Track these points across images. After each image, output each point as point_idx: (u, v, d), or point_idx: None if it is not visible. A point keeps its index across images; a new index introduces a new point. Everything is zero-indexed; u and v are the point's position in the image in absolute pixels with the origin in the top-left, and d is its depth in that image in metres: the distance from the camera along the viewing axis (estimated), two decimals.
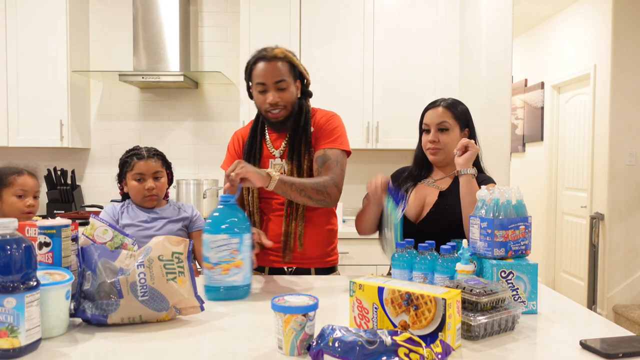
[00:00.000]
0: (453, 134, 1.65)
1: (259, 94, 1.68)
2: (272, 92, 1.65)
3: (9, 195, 1.94)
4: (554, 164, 4.99)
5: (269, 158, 1.75)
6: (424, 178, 1.75)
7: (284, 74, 1.66)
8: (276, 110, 1.67)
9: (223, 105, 3.58)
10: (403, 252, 1.37)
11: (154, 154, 1.92)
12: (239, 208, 1.44)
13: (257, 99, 1.70)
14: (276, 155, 1.75)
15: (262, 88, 1.66)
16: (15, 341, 0.93)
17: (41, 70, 3.21)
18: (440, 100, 1.70)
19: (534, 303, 1.25)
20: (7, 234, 0.94)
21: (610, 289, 3.97)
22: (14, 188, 1.94)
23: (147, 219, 1.90)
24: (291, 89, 1.68)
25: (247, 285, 1.39)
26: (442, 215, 1.62)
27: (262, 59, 1.66)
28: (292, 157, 1.71)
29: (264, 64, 1.65)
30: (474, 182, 1.54)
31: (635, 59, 3.89)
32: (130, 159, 1.90)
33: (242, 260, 1.36)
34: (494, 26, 3.25)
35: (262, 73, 1.65)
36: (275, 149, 1.76)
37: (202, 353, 1.00)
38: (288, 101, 1.68)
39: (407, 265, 1.35)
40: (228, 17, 3.54)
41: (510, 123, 3.31)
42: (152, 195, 1.89)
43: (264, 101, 1.67)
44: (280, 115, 1.68)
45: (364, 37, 3.21)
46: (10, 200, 1.94)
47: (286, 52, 1.69)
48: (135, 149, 1.95)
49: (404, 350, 0.87)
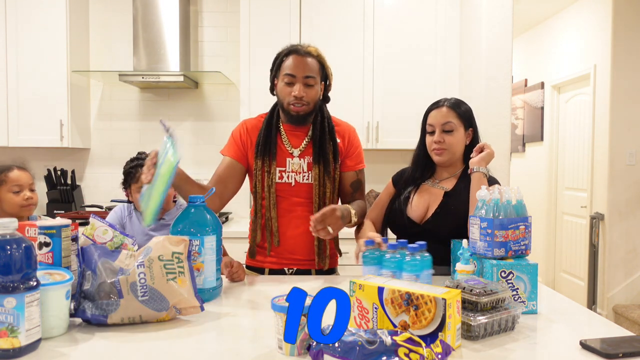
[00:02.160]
0: (458, 134, 1.65)
1: (285, 85, 1.67)
2: (300, 86, 1.65)
3: (4, 192, 1.94)
4: (554, 164, 4.99)
5: (287, 156, 1.73)
6: (427, 179, 1.74)
7: (314, 71, 1.67)
8: (299, 104, 1.66)
9: (223, 105, 3.58)
10: (372, 249, 1.38)
11: None
12: (208, 209, 1.41)
13: (281, 90, 1.68)
14: (295, 154, 1.73)
15: (290, 80, 1.66)
16: (15, 341, 0.93)
17: (41, 70, 3.21)
18: (443, 100, 1.69)
19: (534, 303, 1.25)
20: (7, 234, 0.94)
21: (610, 289, 3.97)
22: (8, 184, 1.94)
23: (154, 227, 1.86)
24: (317, 87, 1.69)
25: (211, 288, 1.36)
26: (448, 215, 1.62)
27: (295, 52, 1.67)
28: (318, 161, 1.71)
29: (296, 57, 1.66)
30: (485, 180, 1.56)
31: (635, 59, 3.89)
32: (135, 170, 1.84)
33: (203, 263, 1.34)
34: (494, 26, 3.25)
35: (294, 65, 1.65)
36: (293, 147, 1.74)
37: (202, 353, 1.00)
38: (312, 99, 1.68)
39: (376, 262, 1.36)
40: (228, 17, 3.54)
41: (510, 123, 3.31)
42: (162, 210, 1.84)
43: (289, 93, 1.66)
44: (302, 110, 1.67)
45: (364, 37, 3.21)
46: (7, 197, 1.94)
47: (319, 52, 1.71)
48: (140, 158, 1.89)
49: (404, 350, 0.87)
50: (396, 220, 1.70)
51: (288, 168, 1.72)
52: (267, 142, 1.72)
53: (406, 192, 1.72)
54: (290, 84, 1.66)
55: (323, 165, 1.71)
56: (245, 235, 2.98)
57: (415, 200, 1.69)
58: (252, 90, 3.21)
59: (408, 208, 1.68)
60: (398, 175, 1.83)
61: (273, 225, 1.71)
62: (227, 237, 2.11)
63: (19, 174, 1.97)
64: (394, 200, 1.75)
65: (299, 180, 1.72)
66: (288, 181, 1.72)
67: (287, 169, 1.72)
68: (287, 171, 1.72)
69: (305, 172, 1.72)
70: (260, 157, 1.70)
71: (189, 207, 1.40)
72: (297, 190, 1.72)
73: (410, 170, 1.78)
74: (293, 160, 1.72)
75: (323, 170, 1.71)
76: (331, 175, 1.73)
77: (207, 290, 1.35)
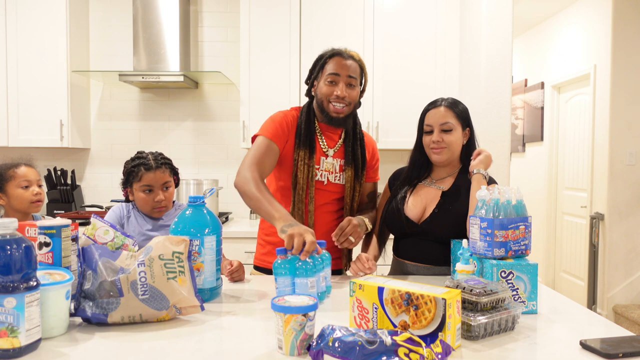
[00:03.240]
0: (456, 134, 1.65)
1: (328, 84, 1.69)
2: (343, 85, 1.67)
3: (13, 188, 1.94)
4: (554, 164, 4.99)
5: (321, 155, 1.75)
6: (423, 179, 1.74)
7: (356, 72, 1.71)
8: (341, 104, 1.68)
9: (223, 105, 3.58)
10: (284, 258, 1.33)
11: (162, 163, 1.85)
12: (208, 210, 1.41)
13: (323, 90, 1.70)
14: (329, 154, 1.76)
15: (334, 79, 1.68)
16: (15, 341, 0.93)
17: (41, 70, 3.21)
18: (440, 100, 1.69)
19: (534, 303, 1.25)
20: (7, 234, 0.94)
21: (610, 289, 3.97)
22: (17, 180, 1.94)
23: (152, 227, 1.86)
24: (357, 89, 1.72)
25: (211, 288, 1.36)
26: (446, 215, 1.62)
27: (339, 54, 1.71)
28: (350, 164, 1.76)
29: (341, 59, 1.70)
30: (485, 182, 1.58)
31: (635, 59, 3.89)
32: (137, 168, 1.82)
33: (203, 263, 1.34)
34: (494, 26, 3.25)
35: (339, 66, 1.68)
36: (329, 147, 1.76)
37: (202, 353, 1.00)
38: (353, 100, 1.71)
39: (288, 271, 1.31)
40: (228, 17, 3.54)
41: (510, 123, 3.31)
42: (161, 207, 1.81)
43: (331, 92, 1.68)
44: (343, 111, 1.69)
45: (364, 37, 3.21)
46: (17, 193, 1.93)
47: (360, 57, 1.76)
48: (142, 157, 1.85)
49: (404, 350, 0.87)
50: (394, 221, 1.70)
51: (322, 167, 1.74)
52: (308, 135, 1.72)
53: (402, 192, 1.72)
54: (333, 82, 1.68)
55: (354, 168, 1.76)
56: (245, 235, 2.99)
57: (412, 200, 1.69)
58: (252, 90, 3.21)
59: (405, 208, 1.68)
60: (394, 176, 1.84)
61: (309, 219, 1.72)
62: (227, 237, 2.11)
63: (27, 170, 1.97)
64: (390, 201, 1.75)
65: (332, 180, 1.75)
66: (321, 179, 1.74)
67: (321, 167, 1.74)
68: (321, 169, 1.74)
69: (337, 172, 1.76)
70: (303, 148, 1.70)
71: (188, 207, 1.40)
72: (329, 189, 1.76)
73: (407, 170, 1.78)
74: (327, 159, 1.75)
75: (354, 173, 1.76)
76: (360, 180, 1.78)
77: (207, 290, 1.35)
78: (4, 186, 1.94)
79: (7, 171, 1.95)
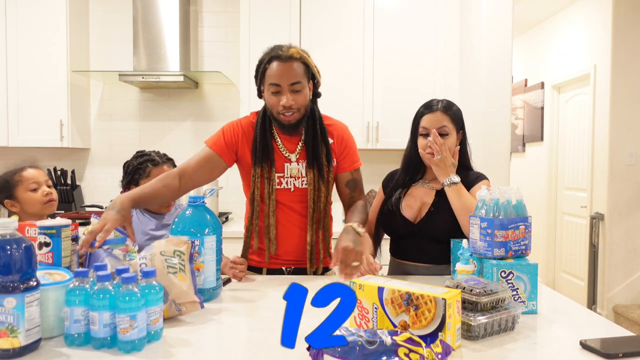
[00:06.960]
0: (451, 138, 1.64)
1: (272, 95, 1.60)
2: (287, 95, 1.58)
3: (23, 192, 1.90)
4: (554, 164, 4.99)
5: (284, 161, 1.68)
6: (416, 180, 1.74)
7: (299, 75, 1.59)
8: (289, 112, 1.59)
9: (223, 105, 3.58)
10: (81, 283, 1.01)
11: (167, 159, 1.85)
12: (208, 209, 1.41)
13: (269, 100, 1.62)
14: (292, 159, 1.69)
15: (276, 89, 1.59)
16: (15, 341, 0.93)
17: (41, 70, 3.21)
18: (435, 102, 1.67)
19: (534, 303, 1.25)
20: (7, 234, 0.94)
21: (610, 289, 3.97)
22: (25, 183, 1.90)
23: (155, 226, 1.86)
24: (305, 91, 1.62)
25: (211, 288, 1.36)
26: (442, 212, 1.62)
27: (277, 58, 1.58)
28: (312, 165, 1.67)
29: (279, 64, 1.58)
30: (462, 190, 1.56)
31: (635, 59, 3.89)
32: (144, 165, 1.82)
33: (203, 263, 1.34)
34: (494, 26, 3.25)
35: (277, 74, 1.57)
36: (290, 152, 1.69)
37: (202, 353, 1.00)
38: (302, 104, 1.61)
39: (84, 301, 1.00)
40: (228, 17, 3.54)
41: (510, 123, 3.31)
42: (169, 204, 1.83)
43: (277, 103, 1.59)
44: (293, 118, 1.61)
45: (364, 37, 3.21)
46: (27, 196, 1.90)
47: (301, 52, 1.63)
48: (145, 154, 1.86)
49: (404, 350, 0.87)
50: (390, 222, 1.70)
51: (287, 173, 1.68)
52: (265, 148, 1.66)
53: (397, 193, 1.72)
54: (276, 93, 1.59)
55: (317, 169, 1.67)
56: None
57: (407, 200, 1.69)
58: (252, 90, 3.21)
59: (401, 208, 1.68)
60: (387, 179, 1.83)
61: (271, 233, 1.67)
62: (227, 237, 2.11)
63: (34, 171, 1.94)
64: (385, 203, 1.75)
65: (298, 186, 1.69)
66: (287, 187, 1.68)
67: (285, 175, 1.68)
68: (286, 177, 1.68)
69: (304, 176, 1.69)
70: (259, 164, 1.65)
71: (188, 207, 1.40)
72: (296, 196, 1.69)
73: (401, 171, 1.77)
74: (291, 165, 1.68)
75: (317, 174, 1.67)
76: (325, 179, 1.69)
77: (207, 290, 1.35)
78: (14, 192, 1.90)
79: (14, 176, 1.92)
